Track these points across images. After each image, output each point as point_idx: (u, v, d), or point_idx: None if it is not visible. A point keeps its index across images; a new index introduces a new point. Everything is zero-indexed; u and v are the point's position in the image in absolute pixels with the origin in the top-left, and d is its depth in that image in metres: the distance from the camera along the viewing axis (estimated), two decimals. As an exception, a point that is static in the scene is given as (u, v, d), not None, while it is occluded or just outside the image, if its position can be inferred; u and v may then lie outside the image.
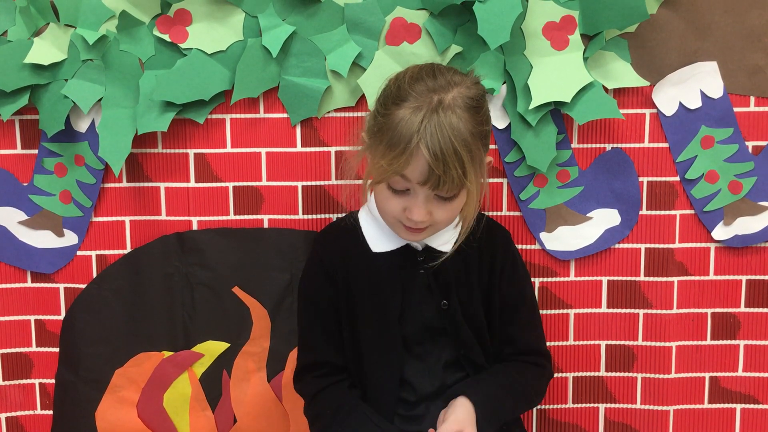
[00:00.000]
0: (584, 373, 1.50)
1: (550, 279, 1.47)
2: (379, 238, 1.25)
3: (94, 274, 1.46)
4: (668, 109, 1.40)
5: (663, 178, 1.43)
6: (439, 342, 1.26)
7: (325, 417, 1.23)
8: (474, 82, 1.15)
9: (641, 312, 1.47)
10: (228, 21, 1.36)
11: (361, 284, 1.24)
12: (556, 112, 1.38)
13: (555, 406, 1.51)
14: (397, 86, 1.13)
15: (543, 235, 1.44)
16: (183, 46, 1.36)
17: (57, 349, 1.49)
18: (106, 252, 1.45)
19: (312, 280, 1.27)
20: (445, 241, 1.24)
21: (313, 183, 1.43)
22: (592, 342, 1.49)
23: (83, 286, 1.46)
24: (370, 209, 1.26)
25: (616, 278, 1.46)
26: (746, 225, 1.44)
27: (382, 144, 1.11)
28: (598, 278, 1.47)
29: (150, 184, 1.43)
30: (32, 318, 1.49)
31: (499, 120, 1.39)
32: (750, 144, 1.42)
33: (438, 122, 1.07)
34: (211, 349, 1.47)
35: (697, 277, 1.46)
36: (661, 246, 1.45)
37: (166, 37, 1.36)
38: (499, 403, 1.20)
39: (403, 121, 1.09)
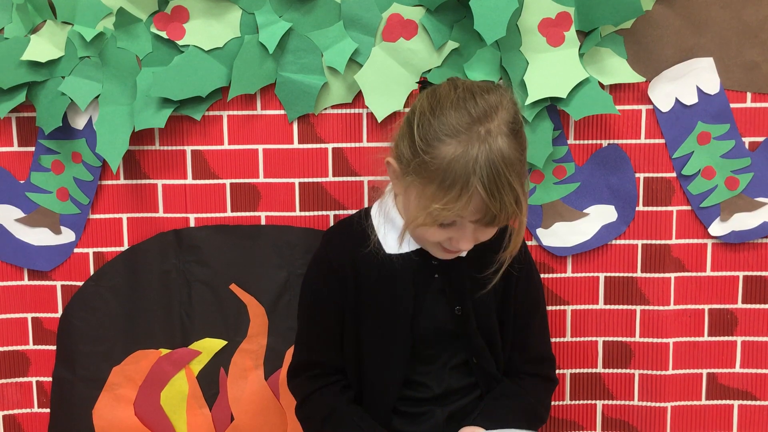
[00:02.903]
0: (581, 370, 1.50)
1: (546, 275, 1.46)
2: (393, 240, 1.20)
3: (92, 272, 1.46)
4: (664, 105, 1.40)
5: (659, 174, 1.43)
6: (449, 346, 1.23)
7: (315, 421, 1.23)
8: (509, 100, 1.09)
9: (638, 308, 1.47)
10: (225, 18, 1.36)
11: (372, 285, 1.21)
12: (552, 108, 1.38)
13: (553, 403, 1.50)
14: (435, 115, 1.06)
15: (539, 231, 1.44)
16: (180, 43, 1.36)
17: (54, 347, 1.49)
18: (104, 249, 1.45)
19: (318, 278, 1.24)
20: None
21: (311, 180, 1.43)
22: (590, 338, 1.49)
23: (80, 283, 1.46)
24: (387, 210, 1.22)
25: (612, 274, 1.47)
26: (743, 221, 1.44)
27: (432, 185, 1.04)
28: (595, 274, 1.47)
29: (147, 181, 1.43)
30: (29, 316, 1.49)
31: (495, 116, 1.39)
32: (747, 140, 1.42)
33: (490, 157, 1.02)
34: (209, 346, 1.47)
35: (694, 273, 1.46)
36: (658, 242, 1.45)
37: (163, 34, 1.36)
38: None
39: (454, 162, 1.02)
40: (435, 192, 1.04)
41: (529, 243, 1.45)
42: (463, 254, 1.20)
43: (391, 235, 1.21)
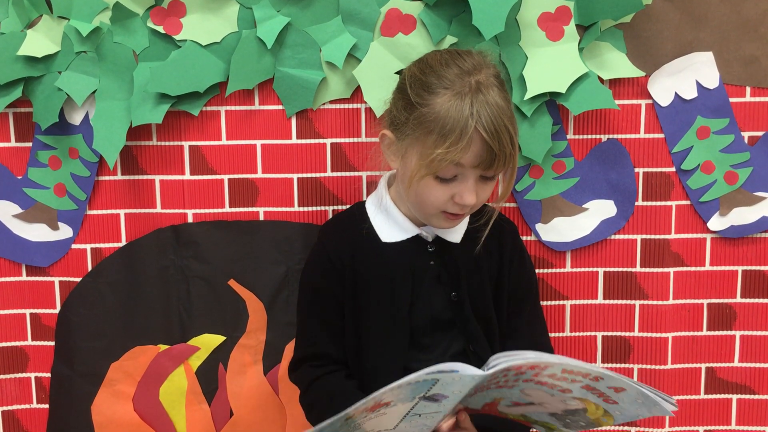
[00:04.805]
0: (581, 365, 1.50)
1: (546, 270, 1.47)
2: (388, 229, 1.23)
3: (89, 268, 1.45)
4: (664, 99, 1.40)
5: (659, 169, 1.43)
6: (447, 334, 1.25)
7: (321, 403, 1.22)
8: (491, 61, 1.15)
9: (637, 303, 1.47)
10: (222, 12, 1.35)
11: (370, 275, 1.22)
12: (551, 102, 1.38)
13: (551, 398, 1.51)
14: (426, 74, 1.13)
15: (539, 227, 1.44)
16: (177, 37, 1.35)
17: (53, 343, 1.48)
18: (101, 245, 1.45)
19: (316, 271, 1.26)
20: (456, 230, 1.24)
21: (309, 175, 1.42)
22: (589, 333, 1.49)
23: (78, 279, 1.46)
24: (382, 199, 1.25)
25: (612, 269, 1.47)
26: (742, 215, 1.44)
27: (432, 134, 1.09)
28: (595, 269, 1.47)
29: (145, 177, 1.42)
30: (27, 312, 1.49)
31: (494, 111, 1.39)
32: (746, 134, 1.42)
33: (485, 102, 1.08)
34: (207, 342, 1.47)
35: (693, 268, 1.46)
36: (657, 237, 1.45)
37: (160, 29, 1.35)
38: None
39: (452, 108, 1.08)
40: (436, 140, 1.09)
41: (528, 238, 1.45)
42: (456, 239, 1.23)
43: (387, 224, 1.24)
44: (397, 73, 1.24)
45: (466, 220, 1.24)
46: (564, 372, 0.96)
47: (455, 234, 1.24)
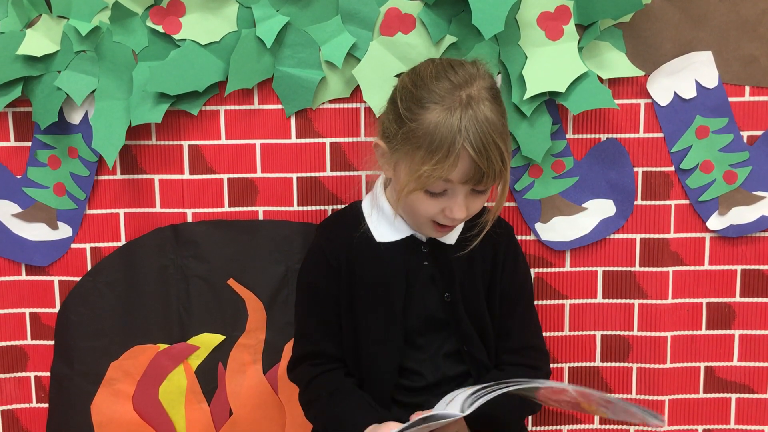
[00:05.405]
0: (580, 364, 1.51)
1: (545, 269, 1.47)
2: (382, 229, 1.24)
3: (89, 267, 1.45)
4: (663, 99, 1.40)
5: (658, 168, 1.43)
6: (441, 334, 1.25)
7: (320, 400, 1.23)
8: (486, 72, 1.14)
9: (636, 302, 1.47)
10: (222, 12, 1.35)
11: (365, 275, 1.23)
12: (550, 102, 1.38)
13: (551, 397, 1.51)
14: (417, 87, 1.12)
15: (538, 226, 1.44)
16: (176, 37, 1.35)
17: (52, 342, 1.48)
18: (101, 245, 1.45)
19: (313, 270, 1.26)
20: (451, 232, 1.24)
21: (308, 174, 1.42)
22: (588, 332, 1.50)
23: (78, 278, 1.46)
24: (377, 199, 1.25)
25: (611, 268, 1.47)
26: (741, 215, 1.44)
27: (420, 150, 1.09)
28: (594, 269, 1.47)
29: (144, 176, 1.42)
30: (27, 311, 1.49)
31: (494, 110, 1.39)
32: (745, 134, 1.42)
33: (475, 118, 1.07)
34: (207, 341, 1.47)
35: (692, 267, 1.46)
36: (656, 236, 1.45)
37: (160, 28, 1.35)
38: (496, 420, 1.20)
39: (440, 124, 1.07)
40: (424, 156, 1.08)
41: (527, 237, 1.45)
42: (450, 240, 1.23)
43: (382, 224, 1.24)
44: (396, 76, 1.24)
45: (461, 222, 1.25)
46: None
47: (450, 235, 1.24)
